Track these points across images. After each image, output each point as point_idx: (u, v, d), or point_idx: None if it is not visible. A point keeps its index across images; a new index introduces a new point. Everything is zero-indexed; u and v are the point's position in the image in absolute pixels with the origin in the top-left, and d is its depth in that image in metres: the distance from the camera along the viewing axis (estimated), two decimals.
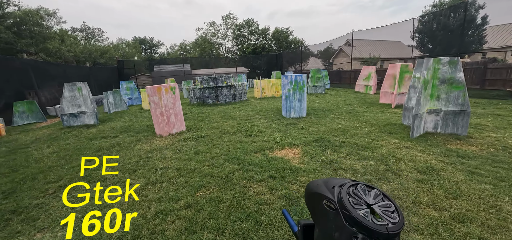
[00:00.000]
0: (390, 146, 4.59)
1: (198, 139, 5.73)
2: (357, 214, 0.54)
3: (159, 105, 6.44)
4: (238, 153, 4.44)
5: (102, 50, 31.22)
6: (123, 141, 6.12)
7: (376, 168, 3.57)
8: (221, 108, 10.56)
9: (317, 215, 0.68)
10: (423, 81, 5.08)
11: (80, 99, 9.22)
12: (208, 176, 3.56)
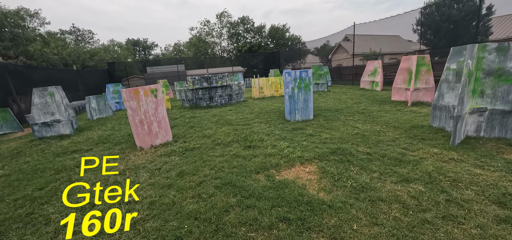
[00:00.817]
0: (432, 158, 3.53)
1: (185, 153, 4.62)
2: None
3: (137, 112, 5.30)
4: (235, 176, 3.34)
5: (92, 52, 29.79)
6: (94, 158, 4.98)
7: (432, 197, 2.50)
8: (216, 111, 9.44)
9: None
10: (467, 73, 4.02)
11: (53, 105, 8.03)
12: (191, 217, 2.46)
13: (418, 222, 2.14)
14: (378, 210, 2.35)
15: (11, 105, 11.68)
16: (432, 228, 2.06)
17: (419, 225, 2.10)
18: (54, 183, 3.85)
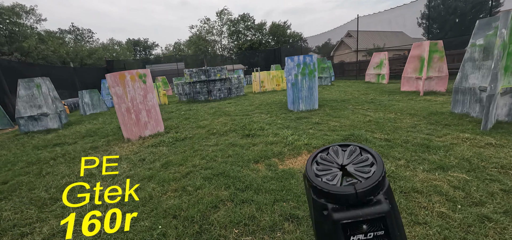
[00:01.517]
0: (465, 144, 2.95)
1: (174, 144, 4.07)
2: (318, 181, 0.49)
3: (123, 99, 4.76)
4: (229, 166, 2.78)
5: (90, 50, 29.36)
6: (74, 150, 4.46)
7: (482, 188, 1.91)
8: (214, 104, 8.89)
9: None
10: (502, 45, 3.43)
11: (40, 98, 7.51)
12: (169, 215, 1.89)
13: (473, 219, 1.57)
14: (416, 205, 1.78)
15: (6, 102, 11.22)
16: (496, 227, 1.49)
17: (477, 224, 1.53)
18: (22, 177, 3.31)
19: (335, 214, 0.41)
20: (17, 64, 15.93)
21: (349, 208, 0.41)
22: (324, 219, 0.44)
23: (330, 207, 0.43)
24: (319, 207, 0.45)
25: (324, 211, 0.44)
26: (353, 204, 0.41)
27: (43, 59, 21.57)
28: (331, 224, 0.41)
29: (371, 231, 0.39)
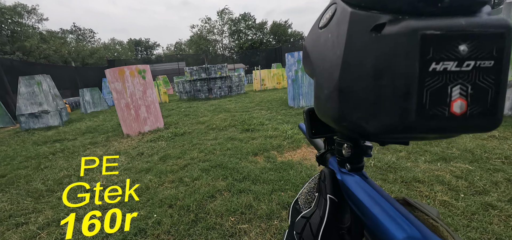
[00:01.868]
0: (468, 136, 2.89)
1: (173, 138, 4.04)
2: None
3: (123, 94, 4.75)
4: (227, 158, 2.74)
5: (92, 50, 29.47)
6: (74, 145, 4.45)
7: (486, 177, 1.86)
8: (214, 102, 8.87)
9: (314, 55, 0.35)
10: None
11: (41, 95, 7.52)
12: (164, 205, 1.87)
13: (477, 207, 1.52)
14: (417, 193, 1.73)
15: (8, 101, 11.28)
16: (500, 215, 1.44)
17: (480, 212, 1.48)
18: (20, 170, 3.30)
19: (411, 22, 0.21)
20: (18, 63, 16.02)
21: (441, 15, 0.21)
22: (373, 45, 0.23)
23: (390, 17, 0.22)
24: (365, 23, 0.24)
25: (375, 31, 0.23)
26: (450, 6, 0.21)
27: (45, 59, 21.67)
28: (395, 43, 0.21)
29: (472, 59, 0.20)
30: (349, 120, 0.27)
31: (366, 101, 0.25)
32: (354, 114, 0.26)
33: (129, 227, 1.62)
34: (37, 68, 16.35)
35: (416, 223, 0.26)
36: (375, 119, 0.24)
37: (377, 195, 0.32)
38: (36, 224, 1.86)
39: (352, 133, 0.30)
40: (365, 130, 0.26)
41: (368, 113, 0.25)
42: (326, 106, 0.31)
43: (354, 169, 0.37)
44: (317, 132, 0.50)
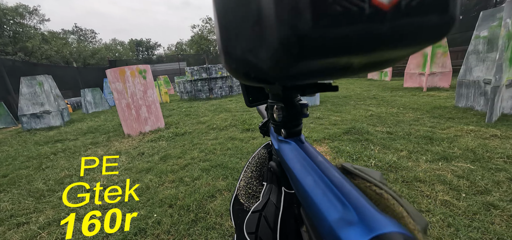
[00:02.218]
0: (470, 135, 2.88)
1: (174, 138, 4.05)
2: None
3: (123, 95, 4.76)
4: (227, 158, 2.74)
5: (93, 51, 29.57)
6: (75, 145, 4.47)
7: (488, 176, 1.85)
8: (215, 102, 8.88)
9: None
10: (506, 35, 3.35)
11: (42, 96, 7.55)
12: (165, 204, 1.87)
13: (479, 207, 1.51)
14: (418, 193, 1.72)
15: (10, 102, 11.35)
16: (503, 215, 1.43)
17: (482, 211, 1.47)
18: (22, 170, 3.31)
19: None
20: (20, 64, 16.09)
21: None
22: None
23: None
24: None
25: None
26: None
27: (47, 59, 21.77)
28: None
29: None
30: (235, 59, 0.20)
31: (247, 20, 0.17)
32: (237, 47, 0.19)
33: (129, 227, 1.62)
34: (39, 68, 16.42)
35: (353, 197, 0.19)
36: (263, 46, 0.16)
37: (310, 163, 0.25)
38: (37, 224, 1.87)
39: (244, 78, 0.22)
40: (257, 67, 0.18)
41: (253, 39, 0.17)
42: (220, 55, 0.23)
43: (290, 134, 0.31)
44: (254, 99, 0.44)
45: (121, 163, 3.02)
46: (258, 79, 0.21)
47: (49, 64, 21.45)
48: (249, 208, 0.38)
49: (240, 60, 0.19)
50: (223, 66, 0.23)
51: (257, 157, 0.41)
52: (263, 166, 0.40)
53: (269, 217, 0.34)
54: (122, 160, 3.14)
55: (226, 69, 0.22)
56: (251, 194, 0.40)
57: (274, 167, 0.35)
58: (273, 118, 0.33)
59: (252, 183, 0.40)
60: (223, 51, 0.20)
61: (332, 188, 0.21)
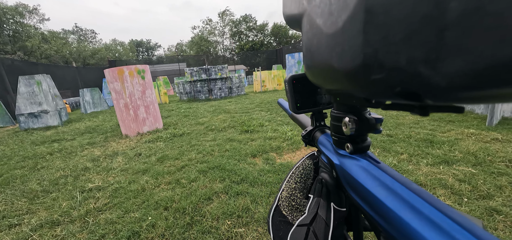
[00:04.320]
0: (470, 139, 2.84)
1: (172, 139, 4.01)
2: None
3: (122, 95, 4.72)
4: (225, 159, 2.70)
5: (93, 51, 29.53)
6: (72, 145, 4.42)
7: (490, 181, 1.82)
8: (214, 103, 8.84)
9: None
10: None
11: (40, 95, 7.51)
12: (160, 207, 1.82)
13: (481, 212, 1.47)
14: None
15: (8, 101, 11.29)
16: (506, 220, 1.40)
17: (485, 217, 1.44)
18: (17, 170, 3.27)
19: None
20: (19, 63, 16.04)
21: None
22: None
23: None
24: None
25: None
26: None
27: (46, 59, 21.73)
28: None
29: None
30: (390, 67, 0.15)
31: (428, 24, 0.13)
32: (402, 53, 0.14)
33: (123, 230, 1.58)
34: (38, 68, 16.39)
35: (466, 224, 0.16)
36: (448, 60, 0.13)
37: (397, 185, 0.22)
38: (29, 226, 1.82)
39: (389, 93, 0.17)
40: (428, 82, 0.14)
41: (435, 48, 0.13)
42: (333, 53, 0.19)
43: (357, 150, 0.28)
44: (302, 105, 0.40)
45: (118, 164, 2.98)
46: (410, 94, 0.16)
47: (48, 63, 21.41)
48: (294, 221, 0.36)
49: (399, 69, 0.15)
50: (349, 71, 0.17)
51: (301, 168, 0.38)
52: (308, 178, 0.38)
53: (319, 233, 0.31)
54: (119, 161, 3.09)
55: (353, 77, 0.18)
56: (295, 207, 0.38)
57: (328, 181, 0.33)
58: (337, 130, 0.30)
59: (296, 195, 0.37)
60: (366, 52, 0.16)
61: (436, 213, 0.18)
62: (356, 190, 0.26)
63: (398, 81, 0.15)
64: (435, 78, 0.13)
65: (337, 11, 0.17)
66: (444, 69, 0.13)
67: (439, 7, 0.12)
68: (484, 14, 0.11)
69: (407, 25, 0.13)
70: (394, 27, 0.14)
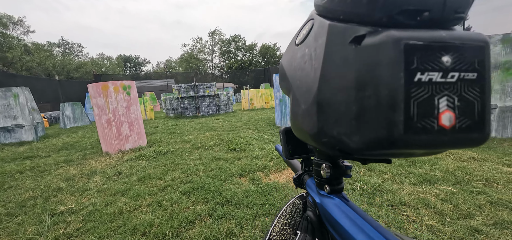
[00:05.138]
0: (449, 158, 2.95)
1: (155, 157, 3.86)
2: None
3: (105, 110, 4.55)
4: (210, 179, 2.62)
5: (78, 64, 28.77)
6: (46, 163, 4.14)
7: (469, 200, 1.86)
8: (201, 120, 8.74)
9: (290, 72, 0.35)
10: None
11: (16, 108, 7.10)
12: (138, 232, 1.70)
13: (464, 232, 1.49)
14: (404, 218, 1.69)
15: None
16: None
17: (467, 237, 1.45)
18: None
19: (393, 32, 0.20)
20: None
21: (413, 27, 0.22)
22: (353, 57, 0.23)
23: (370, 29, 0.22)
24: (343, 36, 0.24)
25: (354, 43, 0.23)
26: (429, 18, 0.21)
27: (27, 71, 20.86)
28: (378, 53, 0.21)
29: (456, 70, 0.21)
30: (329, 136, 0.26)
31: (348, 114, 0.23)
32: (334, 129, 0.25)
33: None
34: (16, 80, 15.68)
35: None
36: (358, 134, 0.23)
37: (361, 220, 0.29)
38: None
39: (332, 150, 0.27)
40: (348, 146, 0.24)
41: (350, 127, 0.23)
42: (303, 122, 0.29)
43: (333, 191, 0.35)
44: (294, 152, 0.48)
45: (95, 184, 2.80)
46: (341, 152, 0.26)
47: (28, 75, 20.51)
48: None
49: (333, 137, 0.25)
50: (310, 135, 0.28)
51: (292, 206, 0.46)
52: (297, 215, 0.45)
53: None
54: (96, 181, 2.91)
55: (313, 139, 0.28)
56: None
57: (312, 218, 0.39)
58: (318, 174, 0.37)
59: (286, 230, 0.43)
60: (318, 127, 0.26)
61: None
62: (333, 225, 0.32)
63: (335, 143, 0.25)
64: (351, 144, 0.23)
65: (305, 98, 0.28)
66: (353, 139, 0.23)
67: (348, 109, 0.23)
68: (363, 118, 0.22)
69: (336, 115, 0.24)
70: (330, 114, 0.25)
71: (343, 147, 0.25)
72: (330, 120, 0.25)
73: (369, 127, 0.21)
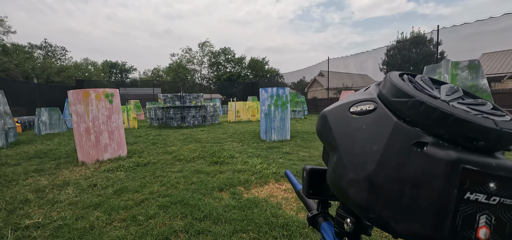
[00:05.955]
0: None
1: (135, 169, 3.74)
2: (425, 97, 0.27)
3: (84, 118, 4.39)
4: (190, 193, 2.58)
5: (60, 68, 27.65)
6: (14, 172, 3.88)
7: None
8: (186, 131, 8.61)
9: (339, 132, 0.35)
10: None
11: None
12: None
13: None
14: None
15: None
16: None
17: None
18: None
19: (455, 153, 0.24)
20: None
21: (475, 151, 0.26)
22: (413, 157, 0.26)
23: (432, 139, 0.26)
24: (408, 136, 0.27)
25: (417, 146, 0.26)
26: (484, 146, 0.26)
27: (3, 72, 19.74)
28: (439, 166, 0.25)
29: (498, 196, 0.25)
30: (377, 214, 0.28)
31: (399, 204, 0.26)
32: (383, 210, 0.28)
33: None
34: None
35: None
36: (404, 222, 0.26)
37: None
38: None
39: (375, 226, 0.31)
40: (393, 229, 0.27)
41: (399, 215, 0.26)
42: (348, 189, 0.32)
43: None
44: (314, 193, 0.49)
45: (66, 196, 2.66)
46: (383, 230, 0.29)
47: (4, 77, 19.37)
48: None
49: (380, 217, 0.28)
50: (357, 206, 0.31)
51: None
52: None
53: None
54: (68, 193, 2.77)
55: (358, 210, 0.32)
56: None
57: None
58: (339, 225, 0.39)
59: None
60: (367, 202, 0.29)
61: None
62: None
63: (381, 223, 0.28)
64: (397, 228, 0.27)
65: (356, 170, 0.30)
66: (400, 226, 0.27)
67: (400, 199, 0.26)
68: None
69: (387, 199, 0.27)
70: (382, 197, 0.28)
71: (388, 228, 0.28)
72: (380, 202, 0.28)
73: (417, 222, 0.25)
